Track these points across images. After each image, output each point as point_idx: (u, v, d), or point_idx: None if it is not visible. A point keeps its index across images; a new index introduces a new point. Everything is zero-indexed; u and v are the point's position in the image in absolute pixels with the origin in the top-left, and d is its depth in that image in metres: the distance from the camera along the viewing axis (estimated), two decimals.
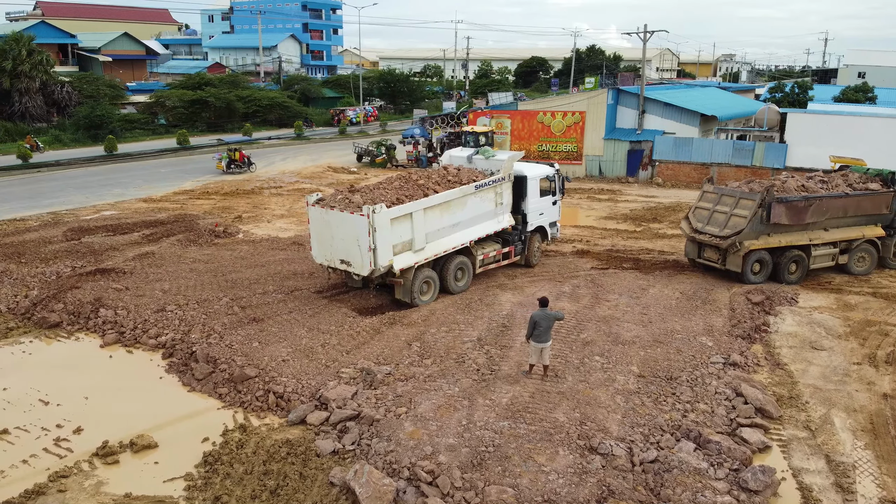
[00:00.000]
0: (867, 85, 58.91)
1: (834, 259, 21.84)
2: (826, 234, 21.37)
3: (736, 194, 21.12)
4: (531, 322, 13.94)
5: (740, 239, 20.25)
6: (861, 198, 21.69)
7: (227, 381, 14.38)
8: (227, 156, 42.55)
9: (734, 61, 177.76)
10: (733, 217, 20.71)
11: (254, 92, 69.05)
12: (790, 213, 20.46)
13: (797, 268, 21.22)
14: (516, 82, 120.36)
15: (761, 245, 20.57)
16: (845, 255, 21.99)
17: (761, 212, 20.21)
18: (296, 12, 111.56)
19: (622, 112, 42.83)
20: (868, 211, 21.96)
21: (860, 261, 22.28)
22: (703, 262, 21.83)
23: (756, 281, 20.82)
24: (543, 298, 14.30)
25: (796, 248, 20.97)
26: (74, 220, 28.54)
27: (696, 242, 21.72)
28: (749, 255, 20.52)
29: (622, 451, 11.60)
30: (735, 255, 20.56)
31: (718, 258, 21.17)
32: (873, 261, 22.41)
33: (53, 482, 11.24)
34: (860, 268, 22.29)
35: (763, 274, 21.01)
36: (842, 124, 37.08)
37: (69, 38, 76.85)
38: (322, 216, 18.32)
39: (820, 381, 14.89)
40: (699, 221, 21.62)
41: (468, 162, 21.90)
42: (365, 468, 10.71)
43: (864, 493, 11.02)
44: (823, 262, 21.69)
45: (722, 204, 21.29)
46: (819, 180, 22.45)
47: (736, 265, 20.68)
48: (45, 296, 18.83)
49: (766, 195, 20.20)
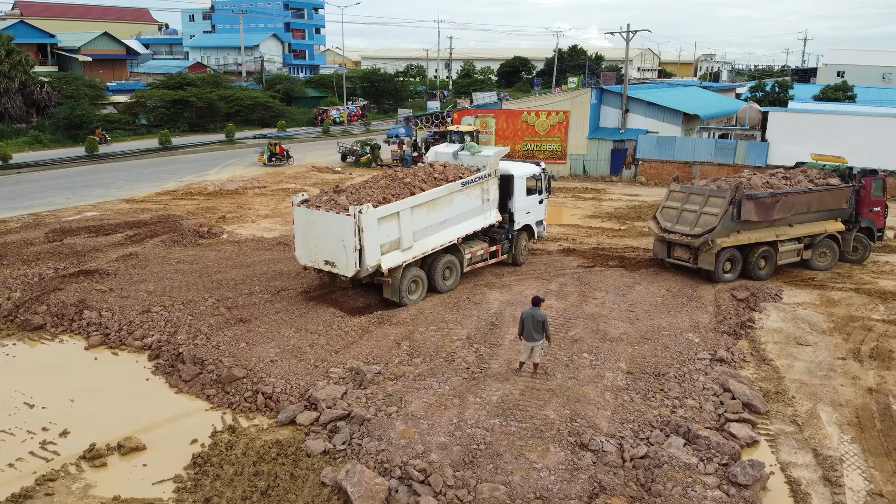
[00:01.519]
0: (846, 84, 59.52)
1: (799, 254, 22.11)
2: (791, 230, 21.60)
3: (704, 192, 21.13)
4: (520, 320, 14.12)
5: (713, 237, 20.21)
6: (823, 193, 22.00)
7: (214, 382, 14.28)
8: (268, 149, 45.98)
9: (714, 61, 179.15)
10: (703, 215, 20.68)
11: (236, 92, 68.60)
12: (759, 210, 20.60)
13: (766, 263, 21.39)
14: (499, 82, 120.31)
15: (732, 242, 20.57)
16: (808, 250, 22.28)
17: (732, 209, 20.25)
18: (278, 12, 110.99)
19: (605, 111, 43.04)
20: (829, 206, 22.31)
21: (822, 255, 22.58)
22: (673, 261, 21.74)
23: (727, 279, 20.90)
24: (536, 297, 14.30)
25: (765, 244, 21.14)
26: (56, 222, 28.21)
27: (666, 242, 21.64)
28: (721, 252, 20.50)
29: (613, 448, 11.66)
30: (707, 254, 20.50)
31: (689, 257, 21.12)
32: (834, 255, 22.70)
33: (41, 486, 11.11)
34: (822, 262, 22.56)
35: (734, 272, 21.09)
36: (822, 123, 37.52)
37: (48, 38, 75.93)
38: (307, 216, 18.19)
39: (805, 375, 15.05)
40: (668, 221, 21.56)
41: (454, 158, 21.81)
42: (357, 468, 10.67)
43: (852, 487, 11.15)
44: (789, 258, 21.95)
45: (690, 203, 21.28)
46: (782, 177, 22.66)
47: (708, 263, 20.62)
48: (29, 298, 18.60)
49: (736, 192, 20.27)
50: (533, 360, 14.12)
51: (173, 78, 67.77)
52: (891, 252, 25.24)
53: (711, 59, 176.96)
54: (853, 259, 23.39)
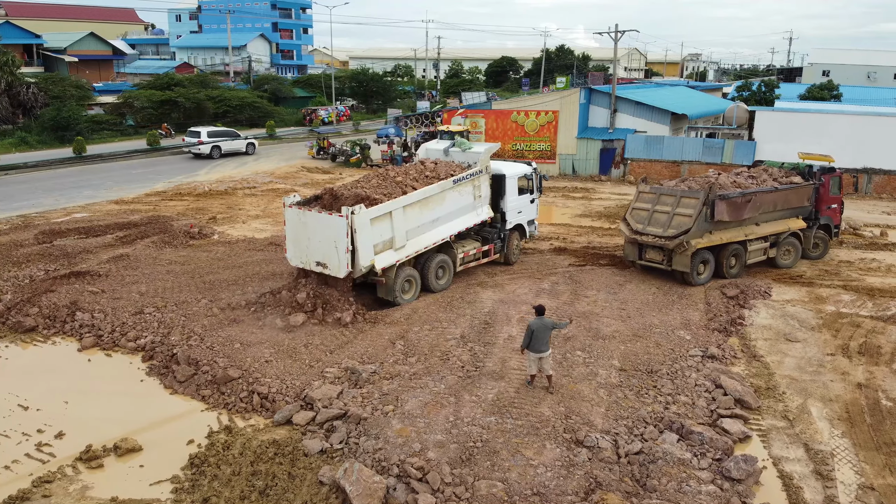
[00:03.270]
0: (832, 83, 60.05)
1: (765, 253, 22.19)
2: (758, 229, 21.60)
3: (676, 193, 20.84)
4: (528, 331, 13.55)
5: (688, 238, 19.96)
6: (788, 192, 22.14)
7: (210, 383, 14.28)
8: (317, 144, 49.80)
9: (700, 61, 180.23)
10: (676, 216, 20.43)
11: (224, 92, 68.25)
12: (731, 210, 20.46)
13: (736, 263, 21.36)
14: (487, 82, 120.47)
15: (706, 243, 20.36)
16: (774, 248, 22.36)
17: (706, 210, 20.05)
18: (265, 11, 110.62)
19: (594, 111, 43.25)
20: (793, 204, 22.44)
21: (786, 253, 22.73)
22: (644, 263, 21.44)
23: (701, 280, 20.68)
24: (540, 306, 13.93)
25: (735, 244, 21.06)
26: (45, 223, 28.04)
27: (637, 244, 21.25)
28: (696, 254, 20.26)
29: (608, 444, 11.79)
30: (682, 255, 20.21)
31: (663, 259, 20.80)
32: (797, 253, 22.87)
33: (37, 487, 11.10)
34: (786, 260, 22.70)
35: (707, 272, 20.89)
36: (809, 122, 37.88)
37: (34, 39, 75.31)
38: (299, 217, 18.14)
39: (796, 371, 15.25)
40: (639, 223, 21.18)
41: (445, 155, 21.79)
42: (355, 466, 10.73)
43: (844, 480, 11.34)
44: (757, 257, 22.01)
45: (661, 204, 20.98)
46: (748, 176, 22.68)
47: (683, 265, 20.30)
48: (20, 300, 18.49)
49: (710, 192, 20.07)
50: (546, 373, 13.62)
51: (160, 78, 67.37)
52: (878, 249, 25.55)
53: (698, 59, 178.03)
54: (813, 256, 23.61)
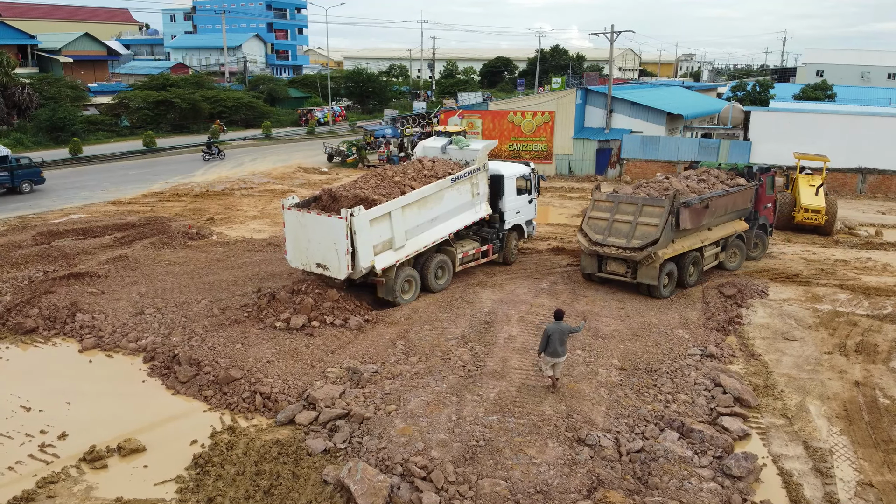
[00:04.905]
0: (826, 83, 60.33)
1: (717, 257, 21.64)
2: (711, 234, 20.86)
3: (637, 201, 19.59)
4: (544, 335, 13.43)
5: (657, 249, 18.80)
6: (737, 194, 21.67)
7: (212, 384, 14.32)
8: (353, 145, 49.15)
9: (694, 61, 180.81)
10: (640, 226, 19.21)
11: (219, 92, 68.21)
12: (693, 217, 19.46)
13: (694, 270, 20.52)
14: (481, 82, 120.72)
15: (671, 253, 19.22)
16: (723, 252, 21.90)
17: (671, 218, 18.97)
18: (260, 12, 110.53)
19: (590, 111, 43.38)
20: (739, 206, 22.07)
21: (733, 255, 22.37)
22: (605, 276, 20.09)
23: (667, 294, 19.60)
24: (559, 311, 13.77)
25: (693, 251, 20.15)
26: (43, 224, 28.02)
27: (598, 255, 19.91)
28: (663, 265, 19.15)
29: (609, 442, 11.89)
30: (649, 268, 18.98)
31: (627, 271, 19.52)
32: (742, 254, 22.66)
33: (42, 488, 11.11)
34: (733, 262, 22.38)
35: (672, 284, 19.80)
36: (804, 122, 38.11)
37: (29, 39, 75.02)
38: (298, 219, 18.18)
39: (793, 370, 15.37)
40: (598, 233, 19.82)
41: (442, 153, 21.73)
42: (359, 465, 10.80)
43: (843, 477, 11.46)
44: (710, 262, 21.37)
45: (621, 212, 19.74)
46: (698, 179, 21.93)
47: (651, 278, 19.10)
48: (19, 301, 18.49)
49: (675, 200, 19.01)
50: (555, 376, 13.71)
51: (156, 79, 67.28)
52: (873, 248, 25.75)
53: (692, 59, 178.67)
54: (754, 256, 23.46)
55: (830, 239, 26.97)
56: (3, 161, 34.56)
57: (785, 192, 28.52)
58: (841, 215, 29.57)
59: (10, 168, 34.58)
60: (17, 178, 34.86)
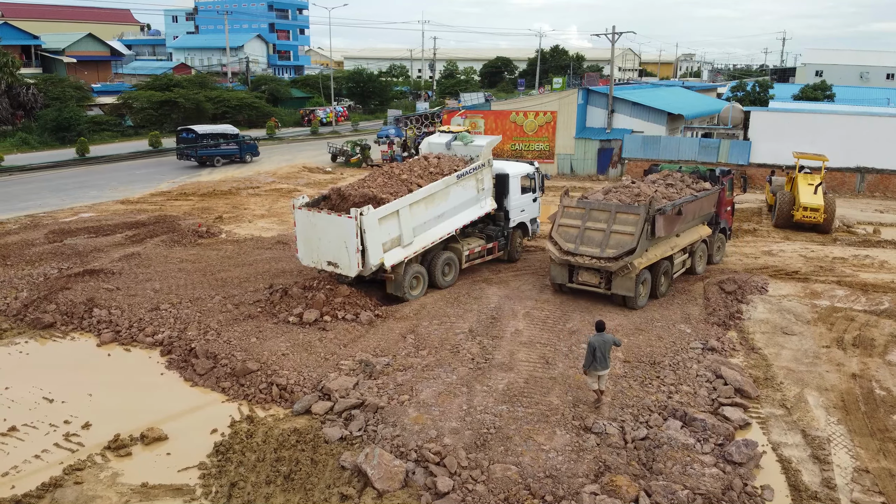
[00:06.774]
0: (825, 83, 60.86)
1: (685, 264, 21.15)
2: (679, 241, 20.18)
3: (610, 208, 18.75)
4: (590, 349, 13.03)
5: (633, 259, 18.03)
6: (705, 199, 21.10)
7: (229, 376, 14.76)
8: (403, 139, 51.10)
9: (694, 61, 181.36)
10: (614, 234, 18.38)
11: (222, 93, 68.68)
12: (667, 224, 18.70)
13: (665, 279, 19.79)
14: (482, 82, 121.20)
15: (646, 262, 18.47)
16: (690, 258, 21.43)
17: (647, 226, 18.24)
18: (262, 12, 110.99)
19: (592, 111, 43.84)
20: (705, 210, 21.51)
21: (699, 260, 21.87)
22: (576, 286, 19.21)
23: (642, 304, 18.78)
24: (600, 322, 13.37)
25: (664, 259, 19.50)
26: (54, 223, 28.48)
27: (569, 265, 19.01)
28: (639, 275, 18.36)
29: (615, 430, 12.35)
30: (625, 278, 18.17)
31: (600, 281, 18.67)
32: (706, 258, 22.27)
33: (69, 475, 11.52)
34: (699, 268, 21.86)
35: (646, 293, 18.97)
36: (803, 122, 38.52)
37: (32, 40, 75.51)
38: (309, 218, 18.60)
39: (792, 363, 15.82)
40: (569, 242, 18.91)
41: (447, 149, 22.14)
42: (375, 451, 11.26)
43: (840, 464, 11.90)
44: (679, 269, 20.79)
45: (593, 220, 18.91)
46: (666, 184, 21.20)
47: (627, 289, 18.27)
48: (36, 297, 18.94)
49: (650, 207, 18.28)
50: (601, 388, 13.43)
51: (159, 79, 67.73)
52: (871, 246, 26.19)
53: (691, 59, 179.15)
54: (716, 259, 23.10)
55: (829, 237, 27.43)
56: (235, 138, 46.64)
57: (784, 192, 29.03)
58: (839, 214, 30.01)
59: (239, 143, 46.47)
60: (243, 151, 46.81)
